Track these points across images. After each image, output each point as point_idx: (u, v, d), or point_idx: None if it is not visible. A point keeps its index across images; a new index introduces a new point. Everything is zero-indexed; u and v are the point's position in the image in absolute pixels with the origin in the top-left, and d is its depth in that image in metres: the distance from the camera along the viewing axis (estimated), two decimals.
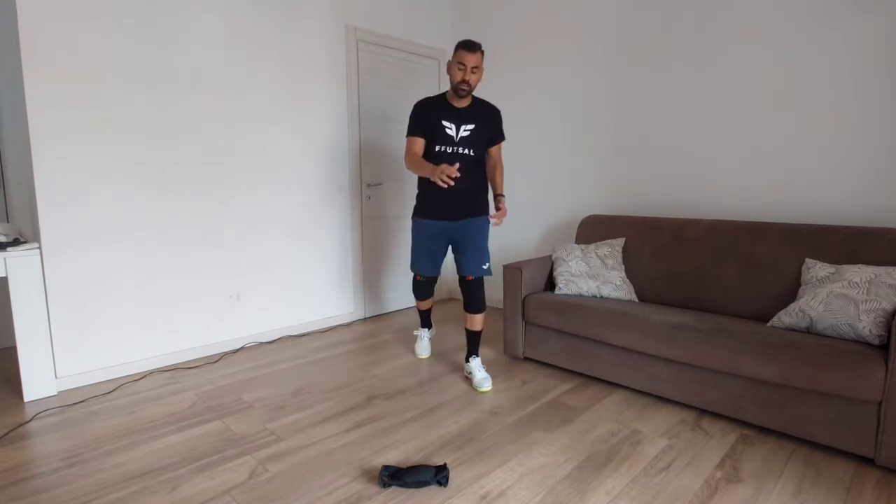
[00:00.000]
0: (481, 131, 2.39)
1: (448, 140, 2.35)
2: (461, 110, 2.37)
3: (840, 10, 2.29)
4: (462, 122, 2.36)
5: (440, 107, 2.38)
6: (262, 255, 3.09)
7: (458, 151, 2.37)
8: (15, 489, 1.62)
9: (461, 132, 2.35)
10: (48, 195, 2.31)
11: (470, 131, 2.36)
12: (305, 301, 3.34)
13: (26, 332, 2.25)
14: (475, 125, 2.37)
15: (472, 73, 2.24)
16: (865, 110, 2.26)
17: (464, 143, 2.36)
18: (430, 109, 2.38)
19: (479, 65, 2.24)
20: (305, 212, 3.28)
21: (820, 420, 1.80)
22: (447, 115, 2.35)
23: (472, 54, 2.22)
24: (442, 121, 2.35)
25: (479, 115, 2.39)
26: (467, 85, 2.26)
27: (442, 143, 2.36)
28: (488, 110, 2.44)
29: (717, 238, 2.47)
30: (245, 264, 3.02)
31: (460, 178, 2.29)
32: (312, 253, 3.35)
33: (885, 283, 1.86)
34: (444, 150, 2.36)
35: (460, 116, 2.36)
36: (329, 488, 1.62)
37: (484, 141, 2.42)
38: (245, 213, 2.99)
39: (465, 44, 2.24)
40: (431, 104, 2.40)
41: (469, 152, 2.38)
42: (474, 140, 2.38)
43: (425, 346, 2.85)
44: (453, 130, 2.35)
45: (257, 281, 3.08)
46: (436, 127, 2.35)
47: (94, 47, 2.38)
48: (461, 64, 2.23)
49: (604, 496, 1.58)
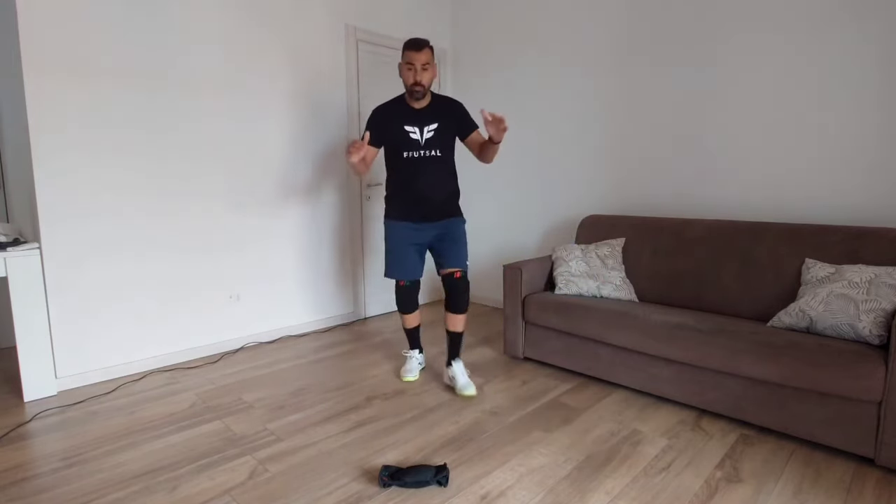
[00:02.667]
0: (446, 128, 2.28)
1: (414, 145, 2.25)
2: (421, 111, 2.26)
3: (840, 11, 2.29)
4: (424, 122, 2.25)
5: (400, 112, 2.27)
6: (262, 255, 3.09)
7: (426, 154, 2.26)
8: (15, 489, 1.62)
9: (425, 134, 2.25)
10: (48, 195, 2.31)
11: (434, 131, 2.25)
12: (305, 301, 3.34)
13: (26, 332, 2.25)
14: (438, 123, 2.25)
15: (423, 72, 2.15)
16: (865, 110, 2.26)
17: (430, 144, 2.26)
18: (389, 116, 2.27)
19: (429, 62, 2.16)
20: (305, 212, 3.28)
21: (820, 420, 1.80)
22: (408, 119, 2.25)
23: (418, 52, 2.13)
24: (404, 126, 2.24)
25: (440, 111, 2.28)
26: (420, 86, 2.17)
27: (409, 149, 2.25)
28: (448, 105, 2.32)
29: (717, 238, 2.47)
30: (245, 264, 3.02)
31: (432, 180, 2.26)
32: (312, 253, 3.34)
33: (885, 283, 1.86)
34: (411, 156, 2.26)
35: (421, 118, 2.25)
36: (329, 488, 1.62)
37: (451, 138, 2.32)
38: (245, 213, 2.99)
39: (411, 42, 2.15)
40: (389, 110, 2.29)
41: (436, 153, 2.27)
42: (440, 140, 2.27)
43: (413, 369, 2.53)
44: (417, 134, 2.24)
45: (257, 281, 3.08)
46: (399, 134, 2.25)
47: (94, 47, 2.38)
48: (409, 64, 2.15)
49: (604, 496, 1.58)
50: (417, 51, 2.13)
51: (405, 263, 2.37)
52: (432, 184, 2.28)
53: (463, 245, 2.38)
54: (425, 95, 2.22)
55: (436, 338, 3.16)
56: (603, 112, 3.19)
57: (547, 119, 3.48)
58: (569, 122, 3.37)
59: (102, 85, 2.42)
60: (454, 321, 2.40)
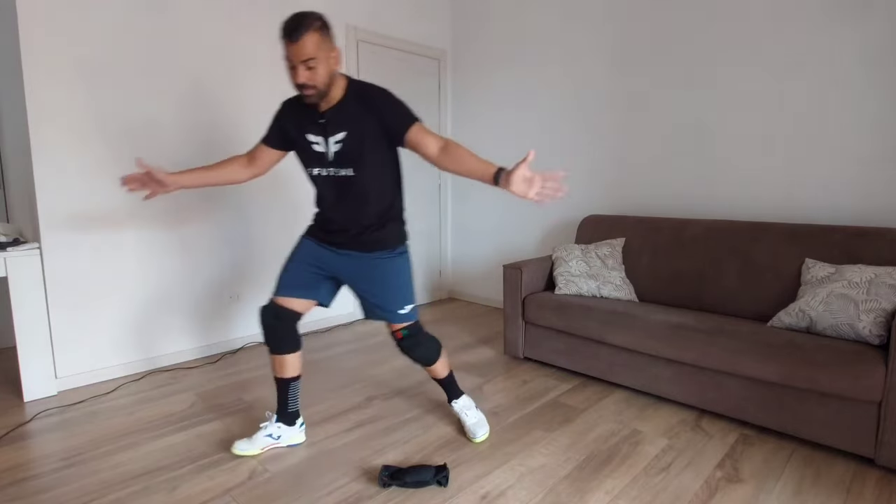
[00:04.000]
0: (361, 136, 1.60)
1: (320, 160, 1.66)
2: (327, 113, 1.61)
3: (840, 11, 2.29)
4: (329, 131, 1.62)
5: (304, 114, 1.65)
6: (262, 255, 3.09)
7: (335, 174, 1.65)
8: (15, 489, 1.62)
9: (332, 146, 1.62)
10: (48, 195, 2.31)
11: (342, 143, 1.61)
12: None
13: (26, 332, 2.25)
14: (346, 132, 1.60)
15: (308, 70, 1.49)
16: (865, 110, 2.26)
17: (339, 160, 1.63)
18: (294, 117, 1.69)
19: (315, 54, 1.47)
20: (305, 212, 3.28)
21: (820, 420, 1.80)
22: (312, 126, 1.64)
23: (296, 44, 1.45)
24: (307, 135, 1.65)
25: (349, 114, 1.60)
26: (309, 89, 1.52)
27: (314, 165, 1.68)
28: (364, 101, 1.61)
29: (717, 238, 2.47)
30: (245, 264, 3.02)
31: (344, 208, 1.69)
32: None
33: (885, 283, 1.86)
34: (319, 175, 1.69)
35: (326, 124, 1.62)
36: (329, 488, 1.62)
37: (373, 148, 1.63)
38: (245, 213, 2.99)
39: (286, 28, 1.46)
40: (295, 109, 1.69)
41: (348, 172, 1.64)
42: (353, 153, 1.62)
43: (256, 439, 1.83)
44: (322, 145, 1.64)
45: (257, 281, 3.08)
46: (303, 144, 1.67)
47: (94, 47, 2.38)
48: (288, 61, 1.50)
49: (604, 496, 1.58)
50: (294, 41, 1.45)
51: (287, 278, 1.77)
52: (345, 213, 1.70)
53: (393, 288, 1.75)
54: (323, 98, 1.57)
55: (443, 336, 3.16)
56: (603, 112, 3.19)
57: (547, 119, 3.48)
58: (569, 121, 3.37)
59: (102, 85, 2.42)
60: (428, 371, 1.94)
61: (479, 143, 3.93)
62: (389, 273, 1.76)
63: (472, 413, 1.97)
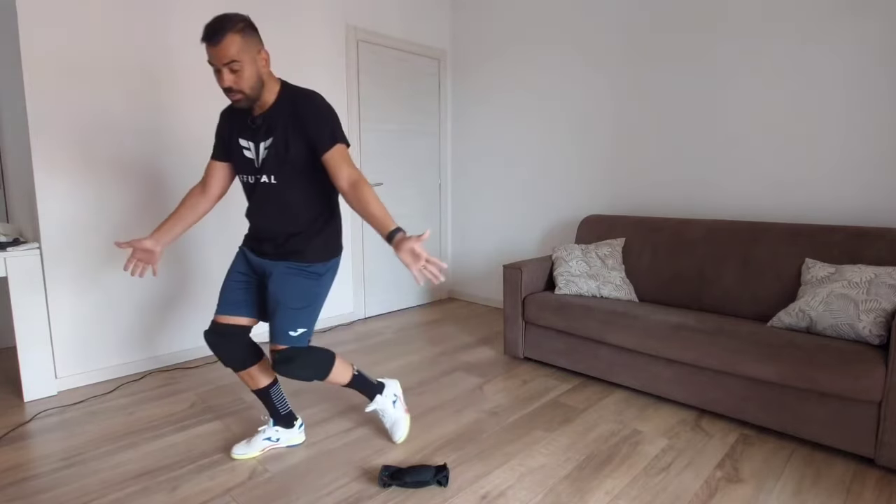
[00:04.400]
0: (285, 143, 1.55)
1: (249, 167, 1.61)
2: (258, 118, 1.57)
3: (840, 11, 2.29)
4: (259, 136, 1.57)
5: (239, 118, 1.62)
6: None
7: (261, 180, 1.60)
8: (15, 489, 1.62)
9: (261, 151, 1.58)
10: (48, 195, 2.32)
11: (269, 148, 1.56)
12: None
13: (26, 332, 2.25)
14: (272, 137, 1.55)
15: (232, 74, 1.44)
16: (865, 110, 2.26)
17: (265, 167, 1.58)
18: (230, 122, 1.65)
19: (239, 57, 1.43)
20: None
21: (820, 420, 1.80)
22: (244, 131, 1.60)
23: (216, 46, 1.40)
24: (238, 139, 1.61)
25: (279, 118, 1.55)
26: (235, 93, 1.48)
27: (242, 171, 1.64)
28: (292, 105, 1.56)
29: (717, 238, 2.47)
30: None
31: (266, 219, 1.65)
32: None
33: (885, 283, 1.86)
34: (247, 182, 1.64)
35: (256, 129, 1.57)
36: (329, 488, 1.62)
37: (297, 156, 1.56)
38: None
39: (205, 31, 1.42)
40: (232, 113, 1.66)
41: (271, 180, 1.58)
42: (277, 160, 1.56)
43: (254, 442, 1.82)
44: (252, 150, 1.59)
45: None
46: (233, 147, 1.63)
47: (94, 48, 2.38)
48: (212, 65, 1.46)
49: (604, 496, 1.58)
50: (213, 44, 1.41)
51: (226, 294, 1.71)
52: (267, 224, 1.66)
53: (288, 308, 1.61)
54: (254, 101, 1.53)
55: (439, 336, 3.16)
56: (603, 112, 3.19)
57: (547, 119, 3.48)
58: (569, 122, 3.37)
59: (102, 85, 2.42)
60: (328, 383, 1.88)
61: (479, 142, 3.93)
62: (295, 288, 1.63)
63: (390, 415, 1.89)
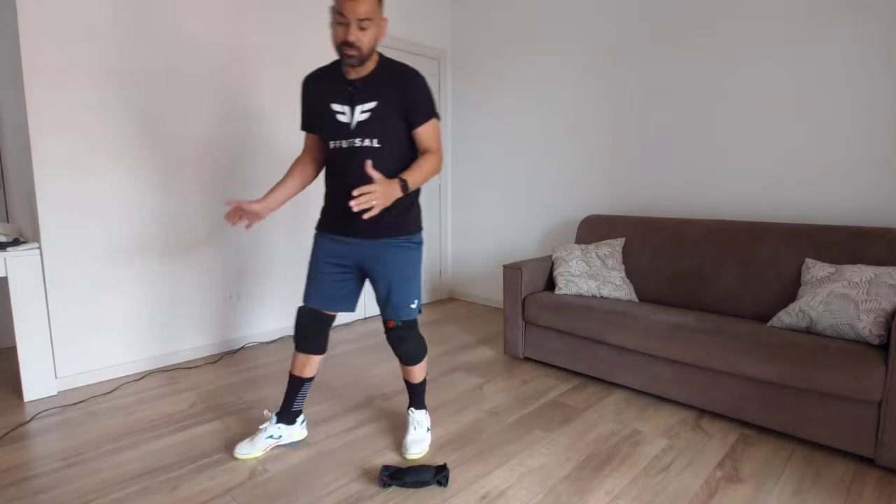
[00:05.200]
0: (388, 109, 1.59)
1: (341, 131, 1.62)
2: (357, 82, 1.60)
3: (840, 10, 2.29)
4: (357, 100, 1.60)
5: (331, 83, 1.64)
6: (263, 255, 3.09)
7: (357, 144, 1.60)
8: (15, 489, 1.62)
9: (357, 115, 1.60)
10: (48, 195, 2.31)
11: (370, 112, 1.59)
12: None
13: (26, 332, 2.25)
14: (377, 102, 1.59)
15: (360, 30, 1.48)
16: (865, 110, 2.26)
17: (362, 130, 1.60)
18: (318, 89, 1.67)
19: (371, 15, 1.48)
20: (305, 212, 3.28)
21: (820, 420, 1.80)
22: (337, 95, 1.62)
23: (354, 2, 1.45)
24: (331, 104, 1.62)
25: (382, 85, 1.60)
26: (354, 49, 1.50)
27: (334, 137, 1.64)
28: (398, 75, 1.61)
29: (717, 238, 2.47)
30: (245, 264, 3.02)
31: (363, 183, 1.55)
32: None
33: (885, 283, 1.86)
34: (338, 146, 1.64)
35: (354, 93, 1.60)
36: (329, 488, 1.62)
37: (396, 123, 1.61)
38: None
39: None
40: (319, 80, 1.69)
41: (373, 143, 1.60)
42: (377, 124, 1.60)
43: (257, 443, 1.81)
44: (347, 115, 1.61)
45: (257, 281, 3.08)
46: (326, 113, 1.64)
47: (94, 48, 2.38)
48: (341, 16, 1.47)
49: (604, 496, 1.58)
50: None
51: (319, 286, 1.75)
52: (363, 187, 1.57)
53: (404, 281, 1.72)
54: (363, 63, 1.55)
55: (439, 337, 3.16)
56: (603, 112, 3.18)
57: (547, 119, 3.48)
58: (569, 121, 3.37)
59: (102, 85, 2.42)
60: (405, 371, 1.88)
61: (479, 142, 3.93)
62: (406, 263, 1.72)
63: (422, 431, 1.87)
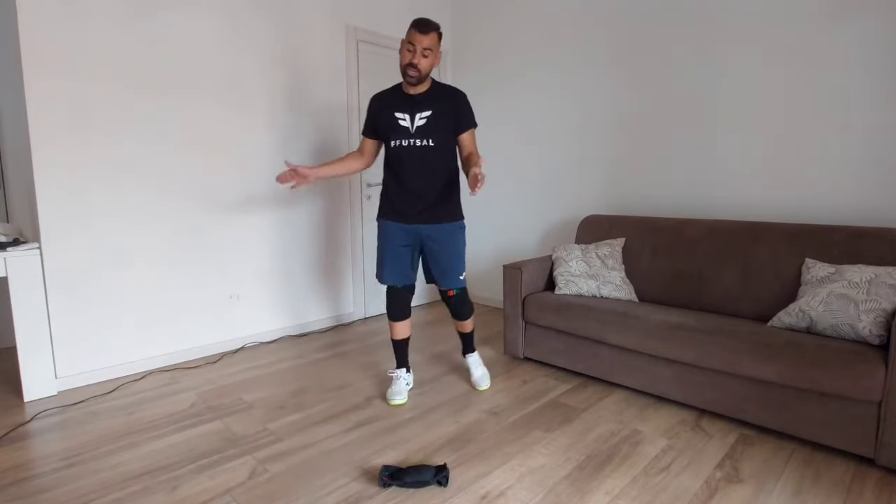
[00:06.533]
0: (441, 117, 2.09)
1: (403, 132, 2.10)
2: (416, 97, 2.10)
3: (840, 10, 2.29)
4: (416, 109, 2.09)
5: (394, 98, 2.13)
6: (263, 255, 3.09)
7: (416, 143, 2.09)
8: (15, 489, 1.62)
9: (417, 121, 2.08)
10: (48, 195, 2.32)
11: (426, 118, 2.08)
12: (305, 301, 3.34)
13: (26, 332, 2.25)
14: (432, 111, 2.08)
15: (422, 57, 1.99)
16: (865, 110, 2.26)
17: (421, 132, 2.08)
18: (384, 104, 2.14)
19: (432, 47, 1.99)
20: (305, 211, 3.28)
21: (820, 420, 1.80)
22: (400, 106, 2.10)
23: (424, 35, 1.96)
24: (395, 113, 2.10)
25: (436, 99, 2.11)
26: (415, 70, 2.00)
27: (397, 137, 2.11)
28: (449, 93, 2.14)
29: (717, 238, 2.47)
30: (245, 264, 3.02)
31: (420, 174, 2.11)
32: (313, 253, 3.34)
33: (885, 283, 1.86)
34: (399, 144, 2.10)
35: (414, 104, 2.09)
36: (329, 488, 1.62)
37: (447, 128, 2.11)
38: (245, 213, 2.98)
39: (418, 22, 1.98)
40: (385, 96, 2.17)
41: (429, 142, 2.09)
42: (434, 128, 2.09)
43: (401, 391, 2.27)
44: (407, 121, 2.09)
45: (257, 281, 3.08)
46: (390, 121, 2.11)
47: (94, 48, 2.38)
48: (411, 44, 1.98)
49: (604, 496, 1.58)
50: (423, 33, 1.97)
51: (396, 266, 2.20)
52: (421, 177, 2.12)
53: (456, 257, 2.21)
54: (421, 82, 2.06)
55: (438, 337, 3.16)
56: (603, 112, 3.18)
57: (547, 119, 3.48)
58: (569, 121, 3.37)
59: (102, 85, 2.42)
60: (459, 325, 2.42)
61: (479, 142, 3.92)
62: (457, 243, 2.22)
63: (481, 367, 2.44)
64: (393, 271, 2.21)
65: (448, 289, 2.25)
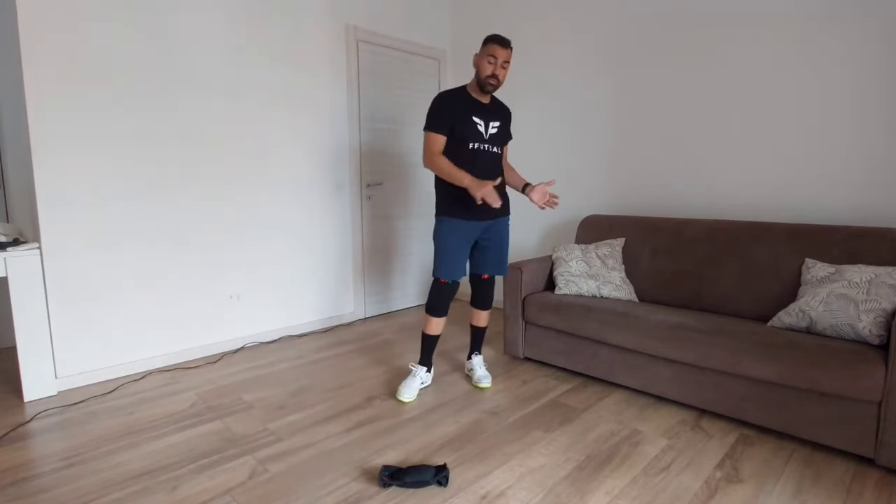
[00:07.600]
0: (505, 128, 2.33)
1: (479, 137, 2.23)
2: (487, 106, 2.27)
3: (840, 10, 2.29)
4: (490, 118, 2.26)
5: (467, 101, 2.25)
6: (263, 255, 3.09)
7: (489, 149, 2.26)
8: (15, 489, 1.62)
9: (490, 129, 2.25)
10: (48, 195, 2.31)
11: (497, 128, 2.28)
12: (305, 301, 3.34)
13: (26, 332, 2.25)
14: (500, 123, 2.30)
15: (502, 69, 2.17)
16: (865, 110, 2.26)
17: (493, 140, 2.26)
18: (458, 103, 2.23)
19: (509, 60, 2.19)
20: (305, 212, 3.28)
21: (820, 420, 1.80)
22: (476, 111, 2.24)
23: (504, 49, 2.15)
24: (473, 116, 2.22)
25: (500, 111, 2.33)
26: (496, 80, 2.17)
27: (475, 140, 2.22)
28: (505, 109, 2.38)
29: (717, 238, 2.47)
30: (245, 264, 3.02)
31: (491, 175, 2.25)
32: (312, 253, 3.34)
33: (885, 283, 1.86)
34: (476, 148, 2.23)
35: (487, 113, 2.26)
36: (329, 488, 1.62)
37: (506, 139, 2.36)
38: (245, 213, 2.99)
39: (498, 38, 2.15)
40: (458, 97, 2.25)
41: (497, 150, 2.29)
42: (501, 138, 2.30)
43: (413, 388, 2.31)
44: (483, 127, 2.24)
45: (257, 281, 3.08)
46: (468, 124, 2.21)
47: (94, 48, 2.38)
48: (492, 57, 2.14)
49: (604, 496, 1.58)
50: (503, 47, 2.14)
51: (460, 261, 2.30)
52: (490, 178, 2.22)
53: (507, 246, 2.42)
54: (496, 90, 2.23)
55: (443, 335, 3.16)
56: (603, 112, 3.18)
57: (546, 119, 3.48)
58: (568, 121, 3.37)
59: (102, 85, 2.42)
60: (479, 317, 2.51)
61: None
62: (507, 234, 2.43)
63: (482, 368, 2.51)
64: (458, 266, 2.29)
65: (497, 274, 2.43)
